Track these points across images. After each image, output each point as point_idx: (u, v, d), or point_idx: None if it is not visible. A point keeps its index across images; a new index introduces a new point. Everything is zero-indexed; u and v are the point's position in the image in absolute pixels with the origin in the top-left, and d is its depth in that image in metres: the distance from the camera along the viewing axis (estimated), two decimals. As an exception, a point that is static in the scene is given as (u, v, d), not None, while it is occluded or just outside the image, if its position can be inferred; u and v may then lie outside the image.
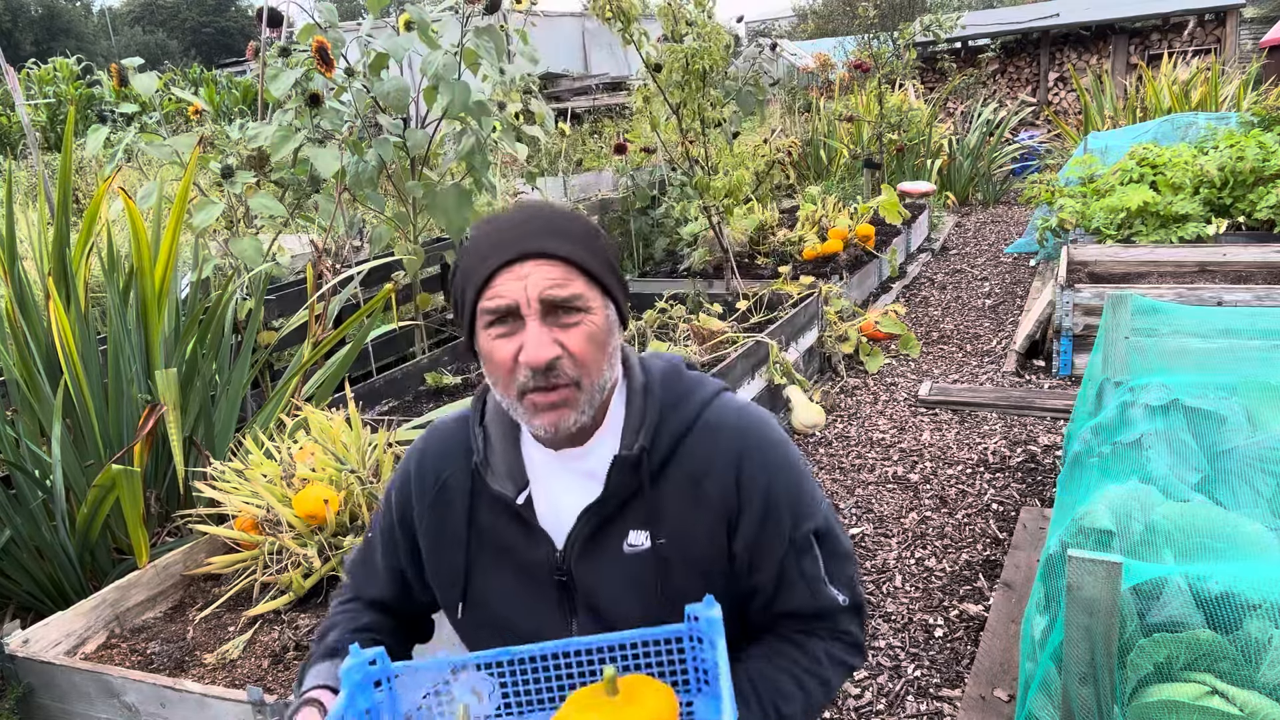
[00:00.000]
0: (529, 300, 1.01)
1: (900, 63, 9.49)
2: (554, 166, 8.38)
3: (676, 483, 1.12)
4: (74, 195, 7.17)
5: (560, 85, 12.99)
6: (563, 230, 1.05)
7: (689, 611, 1.01)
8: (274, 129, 3.57)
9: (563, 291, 1.02)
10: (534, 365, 1.01)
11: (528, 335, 1.01)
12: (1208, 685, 1.40)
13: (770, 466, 1.13)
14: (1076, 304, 4.48)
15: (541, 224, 1.05)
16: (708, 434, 1.13)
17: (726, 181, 5.09)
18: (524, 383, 1.03)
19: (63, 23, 48.53)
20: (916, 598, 2.84)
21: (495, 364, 1.05)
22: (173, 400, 2.25)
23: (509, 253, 1.03)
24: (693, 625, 1.01)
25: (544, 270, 1.02)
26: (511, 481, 1.14)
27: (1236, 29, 14.24)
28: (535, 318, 1.02)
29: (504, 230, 1.05)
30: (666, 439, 1.12)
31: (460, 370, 4.24)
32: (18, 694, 1.91)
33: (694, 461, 1.12)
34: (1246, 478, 1.76)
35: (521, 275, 1.02)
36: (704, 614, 1.00)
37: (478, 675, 1.04)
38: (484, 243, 1.05)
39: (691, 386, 1.17)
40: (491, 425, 1.18)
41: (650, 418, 1.12)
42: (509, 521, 1.14)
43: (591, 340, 1.04)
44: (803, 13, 29.16)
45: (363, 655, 1.01)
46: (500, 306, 1.02)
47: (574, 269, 1.04)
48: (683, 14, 4.79)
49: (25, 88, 14.68)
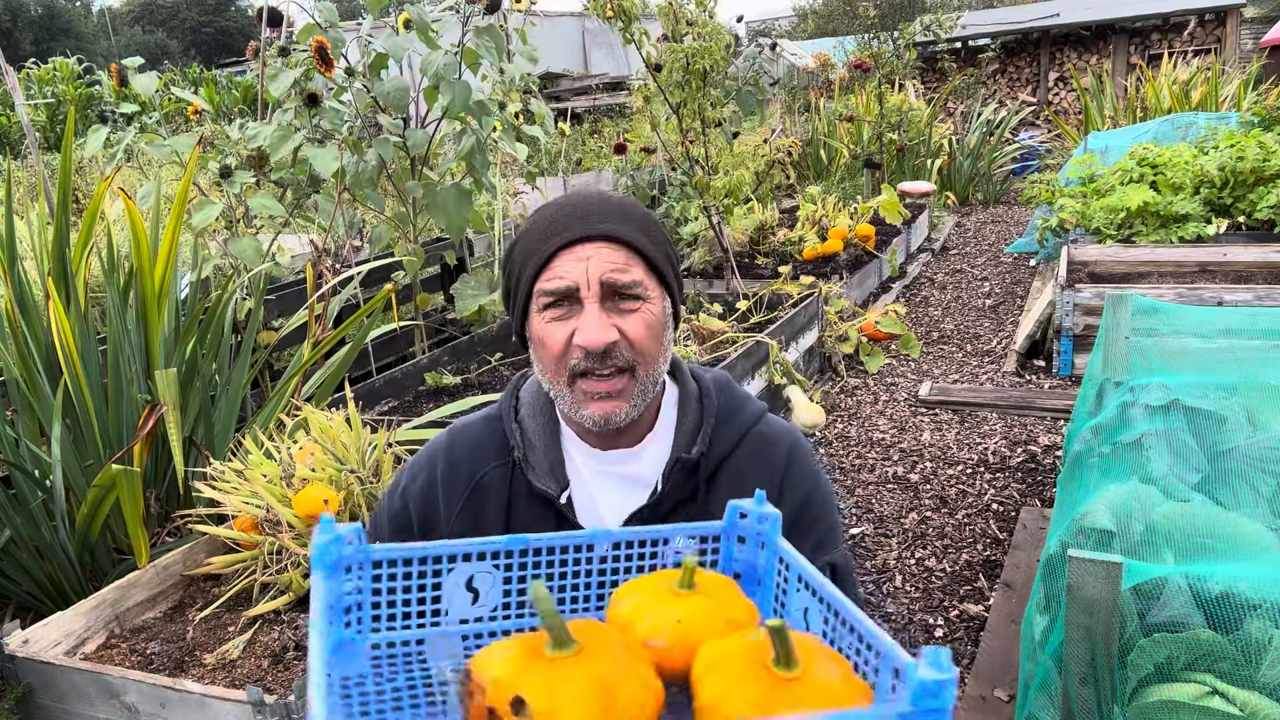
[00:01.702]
0: (589, 282, 0.99)
1: (900, 63, 9.49)
2: (554, 166, 8.38)
3: (726, 491, 1.11)
4: (74, 195, 7.17)
5: (560, 85, 13.00)
6: (627, 215, 1.03)
7: (734, 508, 0.85)
8: (273, 129, 3.57)
9: (624, 276, 1.00)
10: (592, 347, 0.98)
11: (585, 317, 0.99)
12: (1208, 685, 1.40)
13: (808, 484, 1.15)
14: (1077, 304, 4.48)
15: (606, 207, 1.03)
16: (759, 445, 1.14)
17: (726, 181, 5.09)
18: (576, 365, 1.00)
19: (62, 23, 48.53)
20: (916, 598, 2.84)
21: (547, 347, 1.02)
22: (172, 400, 2.25)
23: (572, 233, 1.00)
24: (736, 524, 0.87)
25: (606, 253, 1.00)
26: (554, 479, 1.10)
27: (1237, 29, 14.24)
28: (594, 300, 0.99)
29: (567, 211, 1.02)
30: (720, 447, 1.12)
31: (460, 370, 4.24)
32: (17, 694, 1.91)
33: (743, 471, 1.12)
34: (1247, 478, 1.76)
35: (583, 256, 0.99)
36: (756, 511, 0.84)
37: (479, 566, 0.84)
38: (545, 223, 1.03)
39: (744, 400, 1.18)
40: (528, 421, 1.14)
41: (708, 424, 1.11)
42: (549, 521, 1.10)
43: (649, 329, 1.02)
44: (803, 13, 29.16)
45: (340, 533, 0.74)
46: (560, 288, 0.99)
47: (636, 255, 1.02)
48: (683, 14, 4.78)
49: (25, 88, 14.68)
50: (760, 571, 0.87)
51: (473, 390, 3.96)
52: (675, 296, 1.08)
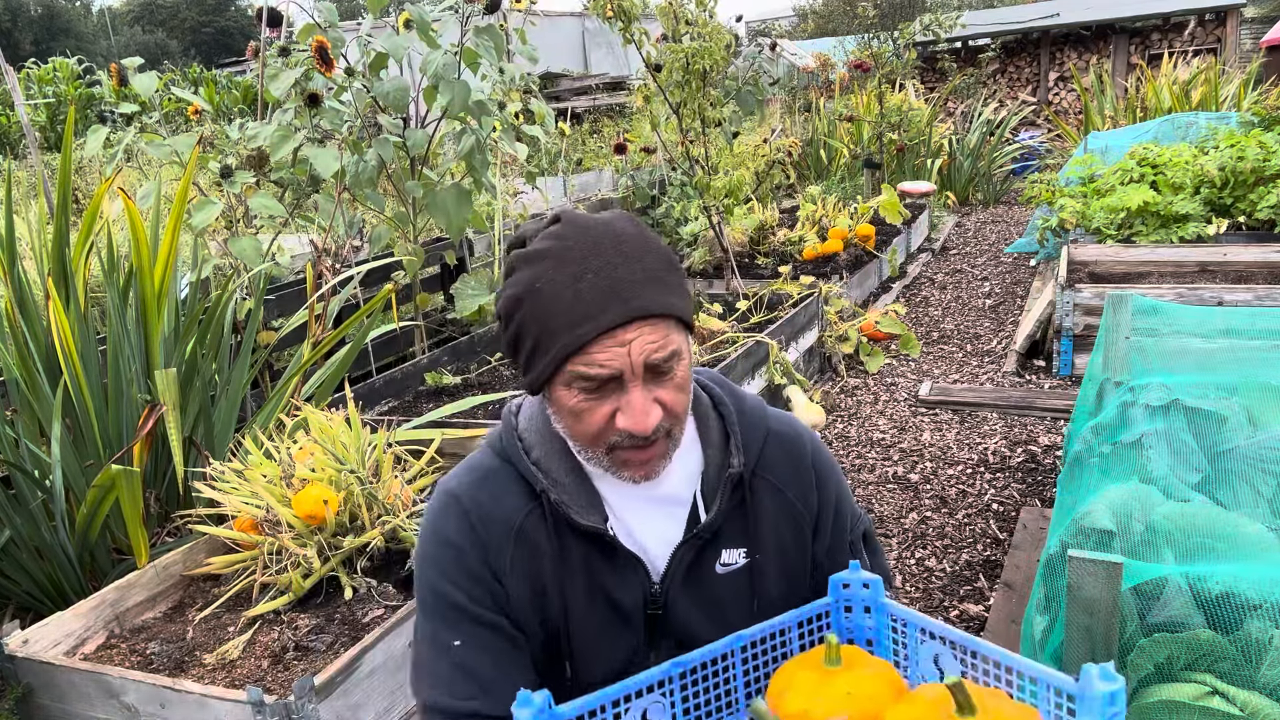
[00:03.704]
0: (633, 367, 0.94)
1: (900, 62, 9.49)
2: (554, 166, 8.38)
3: (764, 495, 1.12)
4: (74, 195, 7.17)
5: (560, 85, 12.99)
6: (652, 271, 0.97)
7: (836, 580, 0.99)
8: (273, 129, 3.57)
9: (663, 353, 0.96)
10: (641, 432, 0.96)
11: (632, 402, 0.95)
12: (1208, 685, 1.40)
13: (834, 470, 1.19)
14: (1077, 304, 4.48)
15: (635, 273, 0.95)
16: (779, 443, 1.14)
17: (726, 181, 5.09)
18: (617, 441, 0.98)
19: (62, 22, 48.53)
20: (917, 598, 2.84)
21: (584, 424, 0.98)
22: (172, 400, 2.25)
23: (609, 318, 0.93)
24: (841, 594, 0.98)
25: (647, 335, 0.94)
26: (596, 513, 1.06)
27: (1237, 29, 14.23)
28: (638, 384, 0.95)
29: (592, 281, 0.94)
30: (750, 452, 1.12)
31: (460, 370, 4.24)
32: (17, 694, 1.91)
33: (775, 472, 1.13)
34: (1247, 478, 1.76)
35: (624, 341, 0.93)
36: (857, 579, 0.97)
37: (648, 699, 0.92)
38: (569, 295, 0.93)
39: (746, 397, 1.18)
40: (547, 461, 1.08)
41: (734, 433, 1.11)
42: (600, 556, 1.06)
43: (682, 389, 1.00)
44: (803, 13, 29.17)
45: (533, 700, 0.83)
46: (602, 375, 0.94)
47: (671, 320, 0.97)
48: (683, 14, 4.78)
49: (25, 88, 14.69)
50: (870, 632, 0.98)
51: (473, 390, 3.96)
52: (692, 327, 1.06)
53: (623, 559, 1.06)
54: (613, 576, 1.06)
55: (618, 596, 1.06)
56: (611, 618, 1.07)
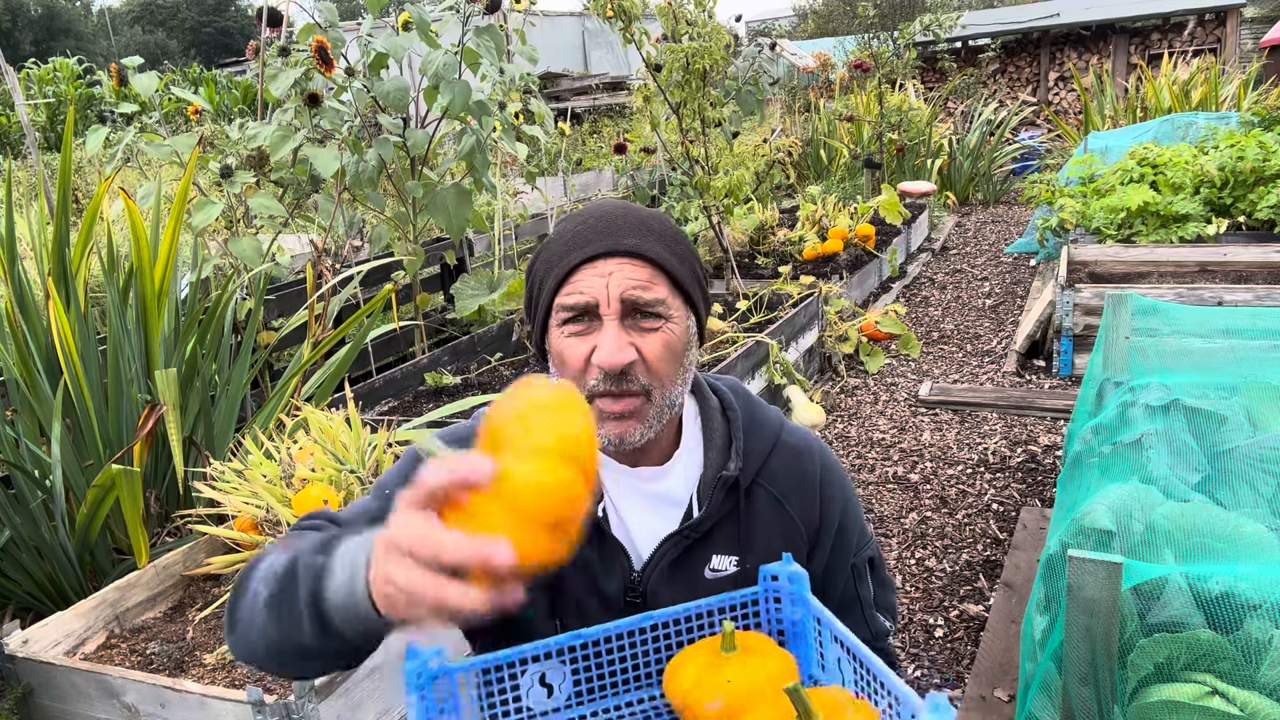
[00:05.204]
0: (609, 299, 0.96)
1: (900, 62, 9.50)
2: (554, 166, 8.38)
3: (762, 505, 1.11)
4: (74, 195, 7.17)
5: (560, 85, 13.00)
6: (653, 230, 1.01)
7: (765, 571, 0.99)
8: (273, 129, 3.57)
9: (646, 294, 0.97)
10: (608, 367, 0.96)
11: (604, 336, 0.96)
12: (1208, 685, 1.40)
13: (844, 489, 1.16)
14: (1077, 304, 4.48)
15: (631, 221, 1.00)
16: (788, 456, 1.13)
17: (726, 181, 5.09)
18: (594, 386, 0.98)
19: (62, 22, 48.53)
20: (917, 598, 2.84)
21: (566, 364, 0.99)
22: (172, 400, 2.25)
23: (595, 247, 0.97)
24: (770, 585, 0.99)
25: (629, 269, 0.97)
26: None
27: (1237, 29, 14.24)
28: (614, 318, 0.97)
29: (590, 224, 1.00)
30: (753, 460, 1.11)
31: (460, 370, 4.24)
32: (17, 694, 1.91)
33: (777, 483, 1.12)
34: (1247, 478, 1.76)
35: (605, 272, 0.97)
36: (785, 571, 0.98)
37: (547, 664, 0.96)
38: (568, 236, 1.00)
39: (763, 408, 1.17)
40: None
41: (738, 439, 1.10)
42: (588, 540, 1.05)
43: (668, 349, 0.99)
44: (803, 12, 29.18)
45: (423, 655, 0.89)
46: (579, 303, 0.97)
47: (660, 272, 0.99)
48: (683, 14, 4.79)
49: (25, 88, 14.69)
50: (799, 626, 1.00)
51: (473, 390, 3.96)
52: (701, 315, 1.06)
53: (609, 545, 1.06)
54: (599, 562, 1.07)
55: (602, 583, 1.07)
56: (594, 602, 1.08)
